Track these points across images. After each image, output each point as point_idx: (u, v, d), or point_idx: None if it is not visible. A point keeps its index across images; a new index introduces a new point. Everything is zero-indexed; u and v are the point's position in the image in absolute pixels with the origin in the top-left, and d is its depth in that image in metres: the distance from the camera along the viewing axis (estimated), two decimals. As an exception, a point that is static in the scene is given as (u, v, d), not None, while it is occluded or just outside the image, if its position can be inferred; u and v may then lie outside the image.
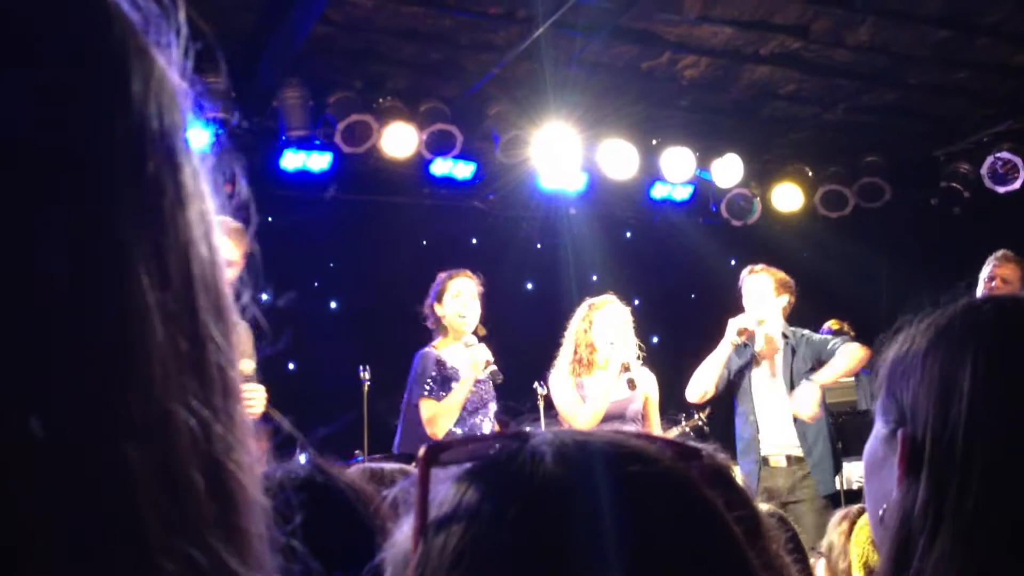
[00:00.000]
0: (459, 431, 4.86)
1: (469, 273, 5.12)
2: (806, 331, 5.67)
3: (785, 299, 5.56)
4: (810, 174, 8.46)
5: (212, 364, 0.47)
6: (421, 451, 0.65)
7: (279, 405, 4.83)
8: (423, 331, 5.23)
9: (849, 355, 5.38)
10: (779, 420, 5.43)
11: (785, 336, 5.53)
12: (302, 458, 1.50)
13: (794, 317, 5.94)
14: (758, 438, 5.40)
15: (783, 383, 5.49)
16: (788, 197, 8.38)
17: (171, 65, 0.50)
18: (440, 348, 5.02)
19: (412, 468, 1.91)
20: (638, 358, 5.24)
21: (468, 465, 0.64)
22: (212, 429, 0.45)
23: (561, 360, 5.25)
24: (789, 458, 5.39)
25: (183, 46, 0.51)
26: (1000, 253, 5.24)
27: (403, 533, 0.64)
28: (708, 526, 0.63)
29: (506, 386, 5.29)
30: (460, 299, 5.01)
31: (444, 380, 4.90)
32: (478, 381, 5.01)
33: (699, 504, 0.64)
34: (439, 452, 0.65)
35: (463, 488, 0.62)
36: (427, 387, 4.87)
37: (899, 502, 1.02)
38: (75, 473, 0.41)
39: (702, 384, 5.46)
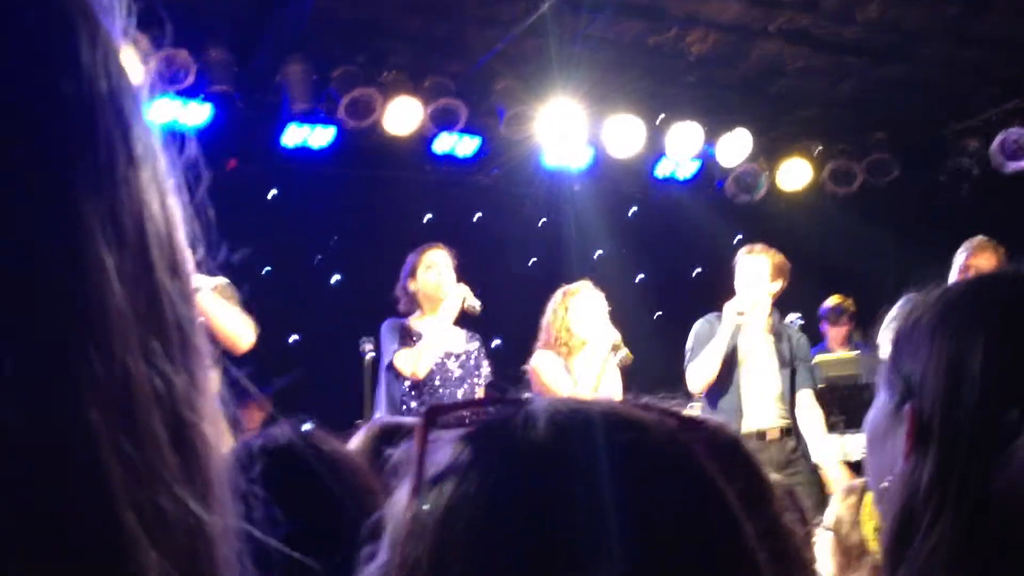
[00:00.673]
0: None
1: (441, 245, 5.10)
2: (792, 327, 5.71)
3: (779, 284, 5.49)
4: (818, 150, 8.41)
5: (170, 320, 0.48)
6: (422, 414, 0.67)
7: (278, 378, 4.84)
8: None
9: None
10: (765, 397, 5.41)
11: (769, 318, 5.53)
12: (307, 426, 1.53)
13: (800, 294, 5.92)
14: (742, 409, 5.35)
15: (770, 361, 5.47)
16: (795, 173, 8.33)
17: (115, 26, 0.50)
18: (413, 321, 5.02)
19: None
20: (615, 348, 5.18)
21: (465, 429, 0.66)
22: (172, 383, 0.46)
23: (544, 342, 5.21)
24: (782, 430, 5.38)
25: (126, 8, 0.52)
26: (976, 241, 5.10)
27: (403, 491, 0.66)
28: (701, 497, 0.63)
29: (507, 361, 5.27)
30: (433, 269, 5.00)
31: (411, 341, 4.92)
32: (466, 353, 5.00)
33: (693, 475, 0.64)
34: (438, 415, 0.67)
35: (458, 450, 0.64)
36: (395, 345, 4.88)
37: (904, 477, 1.01)
38: (36, 430, 0.41)
39: (707, 371, 5.34)
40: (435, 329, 4.85)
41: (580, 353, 5.17)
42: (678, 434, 0.66)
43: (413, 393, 4.86)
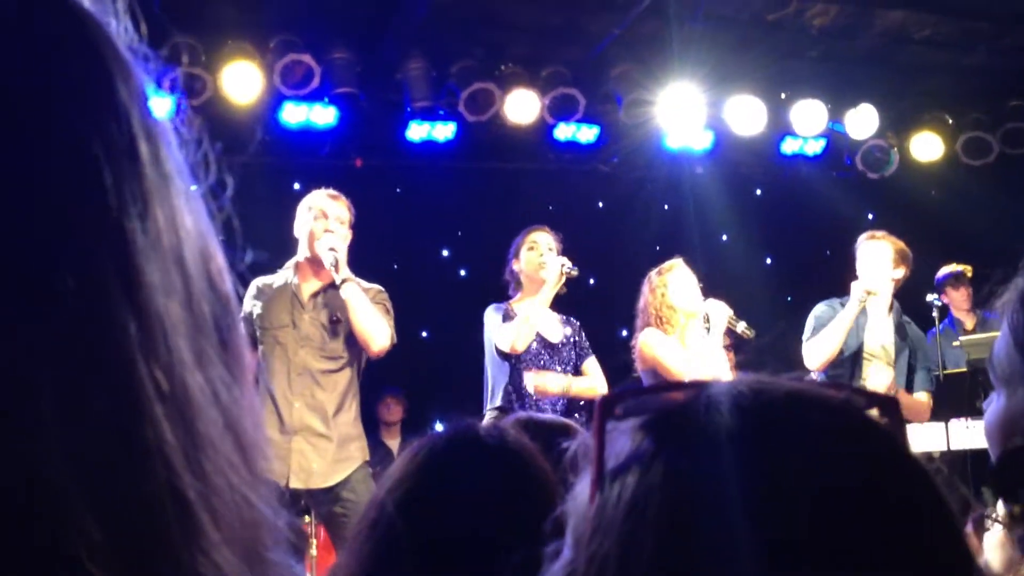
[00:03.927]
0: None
1: (545, 228, 5.13)
2: (913, 324, 5.57)
3: (901, 272, 5.32)
4: (950, 122, 8.10)
5: (209, 325, 0.52)
6: (596, 403, 0.65)
7: (412, 373, 4.94)
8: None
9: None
10: (879, 390, 5.29)
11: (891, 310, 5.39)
12: (438, 426, 1.54)
13: (936, 271, 5.72)
14: None
15: (888, 356, 5.35)
16: (927, 146, 8.04)
17: (140, 64, 0.55)
18: (514, 303, 5.06)
19: (569, 421, 1.92)
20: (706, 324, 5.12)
21: (643, 417, 0.63)
22: (219, 385, 0.51)
23: (645, 323, 5.14)
24: None
25: (126, 23, 0.57)
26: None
27: (583, 485, 0.64)
28: (907, 479, 0.59)
29: (630, 349, 5.25)
30: (535, 250, 5.02)
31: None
32: (561, 343, 5.02)
33: (893, 455, 0.60)
34: (614, 404, 0.64)
35: (638, 439, 0.61)
36: (498, 322, 4.93)
37: None
38: (117, 453, 0.45)
39: (828, 348, 5.22)
40: (537, 301, 4.87)
41: (688, 330, 5.10)
42: (869, 412, 0.62)
43: (520, 385, 4.89)
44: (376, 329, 4.33)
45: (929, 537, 0.57)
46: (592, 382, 5.03)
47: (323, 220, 4.45)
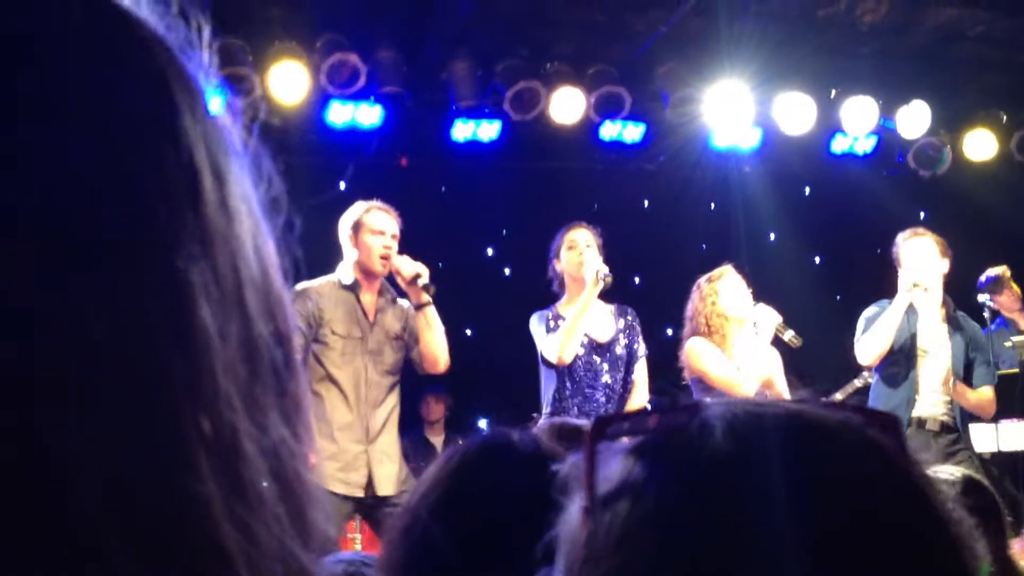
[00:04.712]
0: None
1: (584, 224, 5.09)
2: (968, 318, 5.51)
3: (947, 265, 5.33)
4: (1005, 119, 7.95)
5: (267, 367, 0.50)
6: (589, 425, 0.63)
7: (457, 371, 4.95)
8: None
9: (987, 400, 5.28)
10: (936, 388, 5.27)
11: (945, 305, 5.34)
12: (482, 423, 1.53)
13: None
14: (915, 399, 5.19)
15: (944, 352, 5.30)
16: (981, 144, 7.89)
17: (208, 93, 0.52)
18: (560, 308, 5.02)
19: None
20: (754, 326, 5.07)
21: (636, 440, 0.61)
22: (273, 433, 0.48)
23: (693, 330, 5.10)
24: (943, 424, 5.20)
25: (206, 47, 0.54)
26: None
27: (575, 508, 0.62)
28: (912, 507, 0.57)
29: (677, 348, 5.21)
30: (575, 249, 4.98)
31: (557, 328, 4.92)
32: (614, 340, 4.96)
33: (896, 477, 0.58)
34: (606, 426, 0.62)
35: (629, 464, 0.59)
36: (543, 330, 4.89)
37: None
38: (157, 502, 0.43)
39: (880, 344, 5.22)
40: (578, 309, 4.83)
41: (736, 336, 5.06)
42: (869, 432, 0.60)
43: (567, 391, 4.86)
44: (445, 350, 4.62)
45: (926, 561, 0.55)
46: (636, 398, 5.01)
47: (382, 236, 4.55)
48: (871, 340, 5.25)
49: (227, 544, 0.44)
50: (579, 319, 4.81)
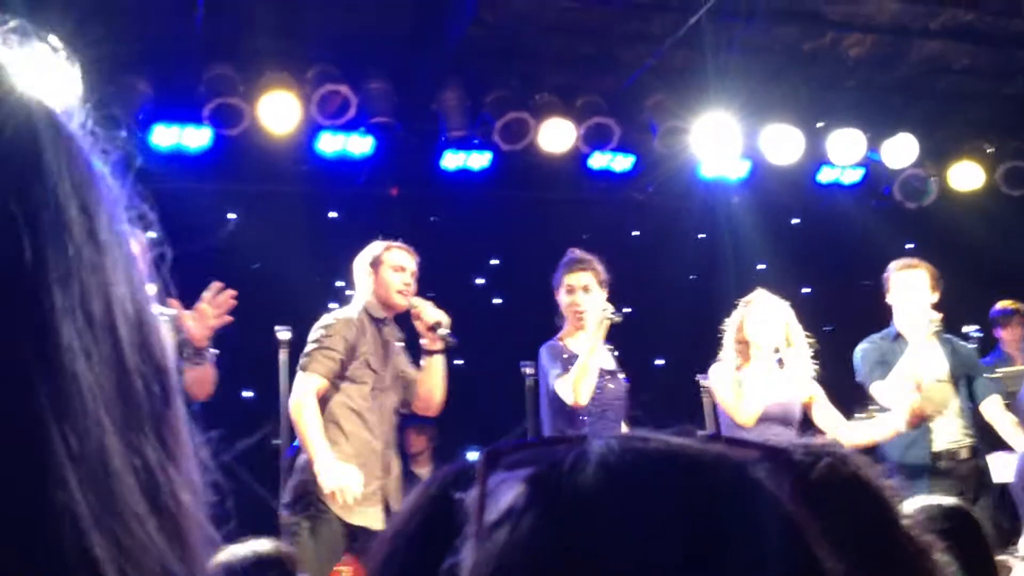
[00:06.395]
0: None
1: (583, 265, 5.00)
2: (956, 340, 5.48)
3: (937, 296, 5.32)
4: (990, 151, 8.03)
5: (141, 394, 0.51)
6: (483, 455, 0.64)
7: (446, 401, 4.95)
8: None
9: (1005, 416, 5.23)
10: (948, 413, 5.24)
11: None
12: (470, 454, 1.53)
13: (976, 301, 5.66)
14: (930, 427, 5.17)
15: (944, 376, 5.28)
16: (967, 176, 7.97)
17: (77, 128, 0.54)
18: (564, 339, 5.01)
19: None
20: (792, 352, 5.05)
21: (525, 470, 0.62)
22: (147, 454, 0.50)
23: (724, 355, 5.15)
24: (967, 449, 5.19)
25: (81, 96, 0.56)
26: None
27: (470, 535, 0.63)
28: (770, 541, 0.57)
29: (671, 377, 5.22)
30: (573, 295, 4.95)
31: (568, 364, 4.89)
32: (608, 374, 4.96)
33: (763, 514, 0.57)
34: (500, 456, 0.63)
35: (515, 494, 0.60)
36: (558, 370, 4.85)
37: None
38: (21, 511, 0.45)
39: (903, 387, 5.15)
40: (586, 352, 4.81)
41: (758, 362, 5.08)
42: (748, 469, 0.59)
43: (582, 417, 4.83)
44: (443, 396, 4.73)
45: None
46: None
47: (402, 273, 4.63)
48: (891, 387, 5.17)
49: (95, 553, 0.46)
50: (588, 361, 4.78)
